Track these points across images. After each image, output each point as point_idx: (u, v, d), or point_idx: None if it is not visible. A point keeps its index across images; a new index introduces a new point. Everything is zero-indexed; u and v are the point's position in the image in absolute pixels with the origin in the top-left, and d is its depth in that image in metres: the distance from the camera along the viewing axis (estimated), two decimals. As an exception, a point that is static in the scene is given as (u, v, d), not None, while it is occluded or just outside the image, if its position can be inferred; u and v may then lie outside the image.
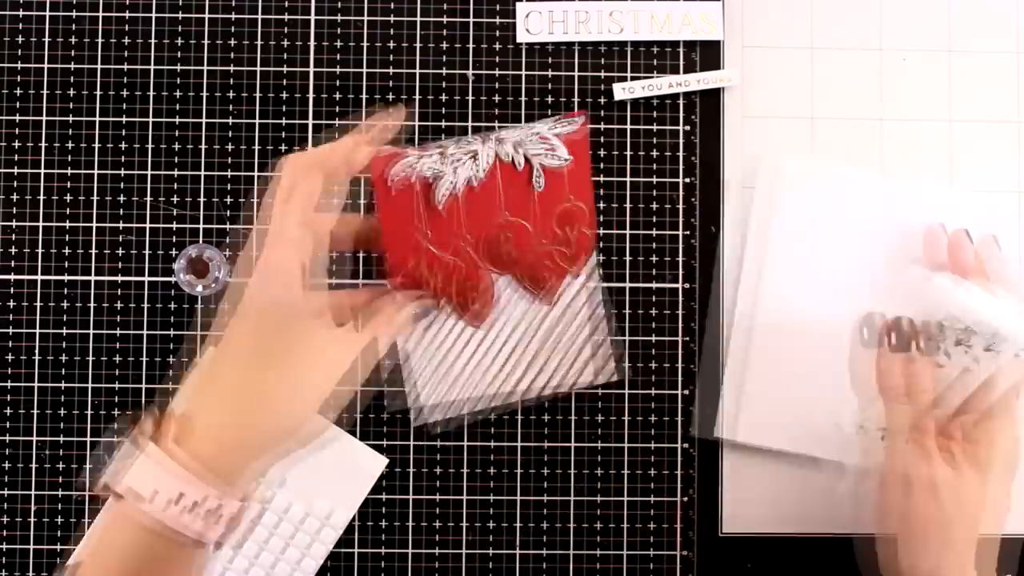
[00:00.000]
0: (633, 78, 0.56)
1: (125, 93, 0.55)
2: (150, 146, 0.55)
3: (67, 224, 0.55)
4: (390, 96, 0.55)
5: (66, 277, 0.55)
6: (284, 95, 0.55)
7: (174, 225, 0.55)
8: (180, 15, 0.55)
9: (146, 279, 0.55)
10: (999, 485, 0.44)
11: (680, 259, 0.55)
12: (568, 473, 0.55)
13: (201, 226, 0.55)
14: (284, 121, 0.55)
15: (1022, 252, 0.56)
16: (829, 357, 0.50)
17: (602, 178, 0.55)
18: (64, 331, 0.54)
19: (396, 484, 0.55)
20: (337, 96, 0.55)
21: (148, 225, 0.55)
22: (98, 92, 0.55)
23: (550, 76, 0.56)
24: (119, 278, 0.55)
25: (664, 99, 0.56)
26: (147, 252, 0.55)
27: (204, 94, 0.55)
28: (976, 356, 0.43)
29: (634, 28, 0.56)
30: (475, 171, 0.43)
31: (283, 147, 0.55)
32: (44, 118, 0.55)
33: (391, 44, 0.56)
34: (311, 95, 0.55)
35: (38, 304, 0.54)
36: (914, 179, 0.54)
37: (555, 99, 0.55)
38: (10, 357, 0.54)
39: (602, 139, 0.55)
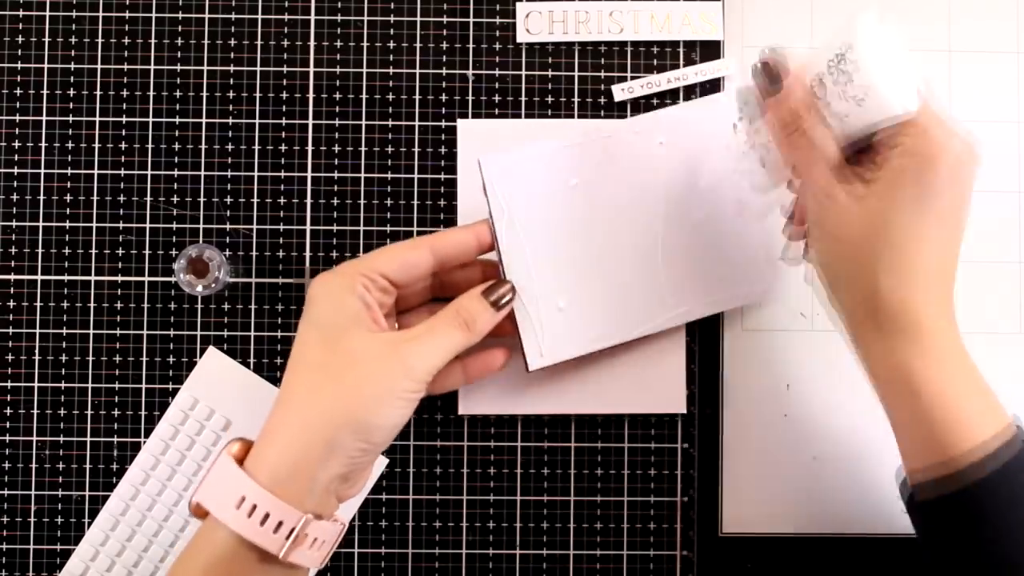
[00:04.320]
0: (633, 78, 0.56)
1: (125, 93, 0.55)
2: (150, 146, 0.55)
3: (67, 224, 0.55)
4: (390, 96, 0.55)
5: (66, 277, 0.55)
6: (284, 95, 0.55)
7: (174, 225, 0.55)
8: (180, 15, 0.55)
9: (146, 279, 0.55)
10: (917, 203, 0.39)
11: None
12: (568, 473, 0.55)
13: (201, 226, 0.55)
14: (284, 121, 0.55)
15: (1022, 251, 0.56)
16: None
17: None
18: (64, 331, 0.54)
19: (396, 484, 0.55)
20: (337, 96, 0.55)
21: (148, 225, 0.55)
22: (98, 92, 0.55)
23: (550, 76, 0.56)
24: (119, 278, 0.55)
25: (663, 97, 0.56)
26: (147, 252, 0.55)
27: (204, 94, 0.55)
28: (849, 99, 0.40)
29: (634, 28, 0.56)
30: None
31: (283, 147, 0.55)
32: (44, 118, 0.55)
33: (391, 44, 0.56)
34: (311, 95, 0.55)
35: (38, 304, 0.54)
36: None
37: (555, 99, 0.55)
38: (10, 357, 0.54)
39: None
